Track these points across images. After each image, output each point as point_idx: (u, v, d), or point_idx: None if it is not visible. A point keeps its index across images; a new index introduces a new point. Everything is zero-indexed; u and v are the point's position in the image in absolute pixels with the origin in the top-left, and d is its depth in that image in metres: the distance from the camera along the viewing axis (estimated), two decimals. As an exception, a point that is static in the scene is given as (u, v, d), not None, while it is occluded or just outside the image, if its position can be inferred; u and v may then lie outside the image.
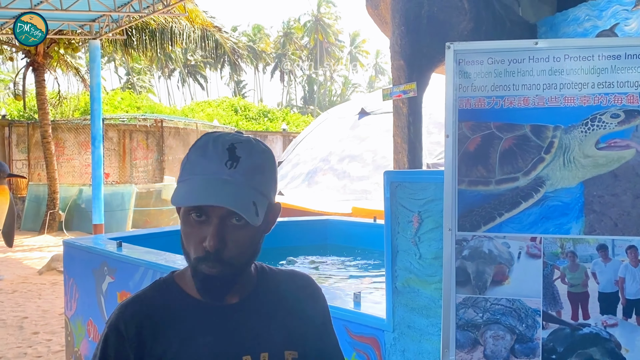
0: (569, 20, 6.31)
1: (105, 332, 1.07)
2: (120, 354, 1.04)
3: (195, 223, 1.03)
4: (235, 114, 26.89)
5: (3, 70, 33.02)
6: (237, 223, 1.03)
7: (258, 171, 1.05)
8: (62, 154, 16.17)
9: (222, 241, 1.02)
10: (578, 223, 1.53)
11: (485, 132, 1.58)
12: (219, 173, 1.02)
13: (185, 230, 1.05)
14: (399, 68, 6.26)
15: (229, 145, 1.04)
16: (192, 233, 1.04)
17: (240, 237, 1.03)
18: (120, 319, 1.06)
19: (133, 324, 1.05)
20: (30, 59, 13.47)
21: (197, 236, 1.03)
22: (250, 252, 1.07)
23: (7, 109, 18.37)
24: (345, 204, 9.34)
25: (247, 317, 1.10)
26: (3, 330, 5.65)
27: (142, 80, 44.13)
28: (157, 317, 1.07)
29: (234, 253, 1.04)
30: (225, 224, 1.02)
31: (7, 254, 9.86)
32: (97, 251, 4.46)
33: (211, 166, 1.03)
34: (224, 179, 1.01)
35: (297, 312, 1.17)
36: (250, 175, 1.04)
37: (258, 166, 1.05)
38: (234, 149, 1.04)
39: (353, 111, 13.04)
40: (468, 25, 5.91)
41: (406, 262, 2.29)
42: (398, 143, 6.28)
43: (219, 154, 1.03)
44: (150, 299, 1.10)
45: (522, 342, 1.57)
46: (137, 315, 1.07)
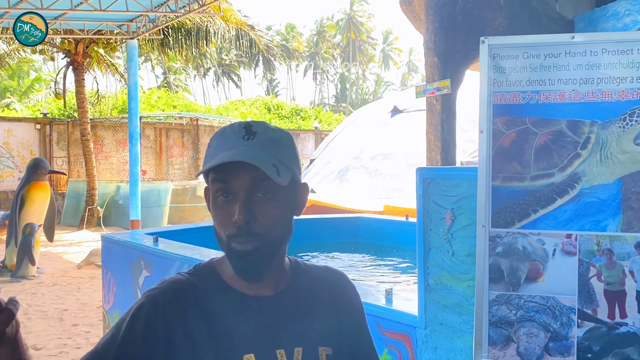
0: (608, 15, 6.15)
1: (141, 300, 1.08)
2: (150, 323, 1.04)
3: (223, 203, 1.05)
4: (268, 113, 27.09)
5: (44, 70, 33.96)
6: (264, 196, 1.04)
7: (275, 143, 1.07)
8: (101, 151, 16.55)
9: (251, 213, 1.03)
10: (615, 220, 1.51)
11: (520, 127, 1.57)
12: (237, 146, 1.05)
13: (215, 214, 1.07)
14: (432, 65, 6.21)
15: (245, 124, 1.08)
16: (221, 214, 1.06)
17: (268, 211, 1.05)
18: (161, 293, 1.07)
19: (172, 299, 1.06)
20: (70, 58, 13.83)
21: (227, 215, 1.05)
22: (280, 227, 1.08)
23: (48, 108, 18.92)
24: (377, 202, 9.31)
25: (281, 310, 1.11)
26: (44, 321, 5.83)
27: (178, 80, 44.79)
28: (195, 299, 1.08)
29: (265, 226, 1.04)
30: (252, 198, 1.04)
31: (48, 249, 10.15)
32: (134, 246, 4.56)
33: (230, 142, 1.06)
34: (242, 148, 1.04)
35: (332, 308, 1.17)
36: (269, 146, 1.06)
37: (275, 139, 1.08)
38: (250, 126, 1.08)
39: (385, 109, 12.98)
40: (503, 21, 5.82)
41: (439, 259, 2.28)
42: (431, 141, 6.23)
43: (236, 132, 1.07)
44: (191, 281, 1.11)
45: (556, 340, 1.55)
46: (178, 294, 1.08)
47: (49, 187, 8.56)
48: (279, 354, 1.07)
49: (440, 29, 6.03)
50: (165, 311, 1.05)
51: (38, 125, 16.09)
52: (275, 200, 1.05)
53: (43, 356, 4.78)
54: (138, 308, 1.07)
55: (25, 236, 7.81)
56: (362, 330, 1.23)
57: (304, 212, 1.20)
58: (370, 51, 56.56)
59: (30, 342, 5.13)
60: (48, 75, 31.39)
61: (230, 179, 1.03)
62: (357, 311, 1.22)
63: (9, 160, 15.50)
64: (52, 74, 27.85)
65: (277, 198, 1.06)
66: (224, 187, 1.05)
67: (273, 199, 1.05)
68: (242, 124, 1.09)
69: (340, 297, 1.20)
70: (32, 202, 8.12)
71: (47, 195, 8.31)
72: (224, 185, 1.05)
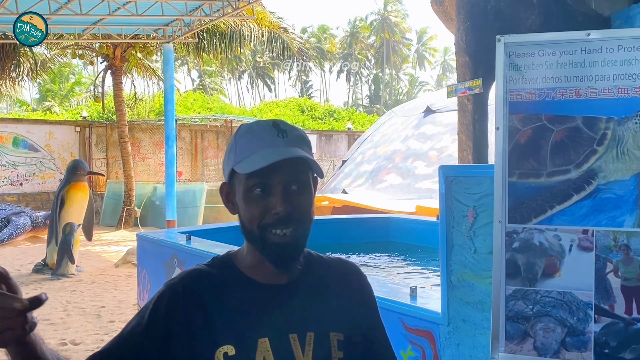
0: (645, 11, 6.01)
1: (162, 289, 1.14)
2: (171, 311, 1.11)
3: (259, 198, 1.11)
4: (302, 114, 27.23)
5: (84, 74, 34.87)
6: (297, 189, 1.12)
7: (303, 140, 1.15)
8: (138, 153, 16.93)
9: (290, 204, 1.10)
10: (632, 216, 1.51)
11: (536, 124, 1.58)
12: (275, 143, 1.11)
13: (249, 208, 1.13)
14: (464, 64, 6.17)
15: (272, 123, 1.15)
16: (257, 207, 1.12)
17: (301, 203, 1.12)
18: (181, 282, 1.15)
19: (192, 288, 1.13)
20: (109, 62, 14.20)
21: (264, 207, 1.11)
22: (310, 216, 1.15)
23: (87, 111, 19.44)
24: (410, 202, 9.28)
25: (295, 297, 1.16)
26: (82, 318, 6.02)
27: (213, 83, 45.42)
28: (214, 288, 1.14)
29: (300, 216, 1.12)
30: (288, 190, 1.11)
31: (87, 248, 10.45)
32: (167, 244, 4.69)
33: (266, 140, 1.12)
34: (282, 147, 1.11)
35: (343, 296, 1.22)
36: (301, 143, 1.14)
37: (303, 137, 1.16)
38: (278, 125, 1.14)
39: (418, 109, 12.92)
40: (537, 19, 5.75)
41: (461, 256, 2.30)
42: (463, 141, 6.20)
43: (268, 130, 1.13)
44: (209, 271, 1.17)
45: (573, 335, 1.56)
46: (196, 282, 1.15)
47: (88, 187, 8.83)
48: (292, 338, 1.13)
49: (471, 28, 6.00)
50: (185, 298, 1.12)
51: (78, 128, 16.56)
52: (305, 193, 1.14)
53: (81, 351, 4.94)
54: (159, 296, 1.14)
55: (65, 235, 8.07)
56: (374, 319, 1.27)
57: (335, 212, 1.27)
58: (405, 52, 56.24)
59: (69, 337, 5.32)
60: (87, 79, 32.25)
61: (271, 173, 1.10)
62: (368, 300, 1.27)
63: (50, 162, 16.00)
64: (91, 77, 28.60)
65: (306, 190, 1.14)
66: (263, 182, 1.11)
67: (304, 191, 1.13)
68: (270, 122, 1.15)
69: (351, 286, 1.25)
70: (71, 202, 8.39)
71: (86, 196, 8.56)
72: (262, 180, 1.11)
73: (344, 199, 9.89)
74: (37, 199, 15.59)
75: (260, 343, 1.11)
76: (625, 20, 6.29)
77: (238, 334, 1.11)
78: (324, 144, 21.21)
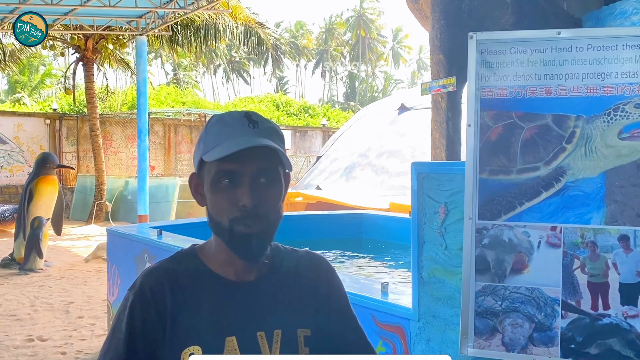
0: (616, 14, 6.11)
1: (130, 299, 1.11)
2: (146, 320, 1.09)
3: (227, 188, 1.09)
4: (277, 110, 27.14)
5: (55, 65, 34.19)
6: (265, 182, 1.10)
7: (274, 133, 1.13)
8: (110, 146, 16.68)
9: (257, 198, 1.08)
10: (599, 213, 1.53)
11: (507, 121, 1.60)
12: (245, 133, 1.09)
13: (216, 199, 1.11)
14: (438, 62, 6.21)
15: (244, 114, 1.13)
16: (224, 198, 1.09)
17: (269, 195, 1.10)
18: (145, 284, 1.11)
19: (157, 289, 1.11)
20: (80, 54, 13.93)
21: (231, 199, 1.09)
22: (278, 211, 1.13)
23: (58, 103, 19.07)
24: (383, 199, 9.32)
25: (262, 295, 1.15)
26: (50, 313, 5.91)
27: (188, 77, 44.97)
28: (178, 285, 1.12)
29: (267, 210, 1.10)
30: (257, 183, 1.09)
31: (56, 242, 10.26)
32: (138, 239, 4.62)
33: (236, 129, 1.10)
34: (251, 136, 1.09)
35: (311, 290, 1.21)
36: (272, 135, 1.12)
37: (275, 130, 1.14)
38: (250, 116, 1.13)
39: (393, 106, 12.99)
40: (510, 19, 5.81)
41: (432, 252, 2.31)
42: (436, 138, 6.23)
43: (239, 120, 1.12)
44: (173, 268, 1.15)
45: (540, 331, 1.58)
46: (160, 281, 1.12)
47: (57, 181, 8.65)
48: (259, 336, 1.11)
49: (445, 27, 6.03)
50: (155, 301, 1.10)
51: (48, 120, 16.24)
52: (274, 186, 1.11)
53: (49, 347, 4.85)
54: (131, 308, 1.11)
55: (33, 230, 7.90)
56: (344, 312, 1.25)
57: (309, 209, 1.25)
58: (380, 49, 56.46)
59: (36, 333, 5.21)
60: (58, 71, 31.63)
61: (239, 164, 1.08)
62: (337, 293, 1.25)
63: (18, 154, 15.66)
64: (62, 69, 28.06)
65: (275, 184, 1.12)
66: (231, 172, 1.08)
67: (272, 184, 1.11)
68: (242, 113, 1.13)
69: (319, 280, 1.23)
70: (40, 196, 8.21)
71: (55, 190, 8.40)
72: (231, 170, 1.08)
73: (318, 195, 9.89)
74: (4, 192, 15.25)
75: (227, 342, 1.09)
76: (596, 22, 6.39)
77: (204, 333, 1.09)
78: (299, 140, 21.19)
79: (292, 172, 1.19)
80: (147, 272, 1.15)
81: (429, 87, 6.28)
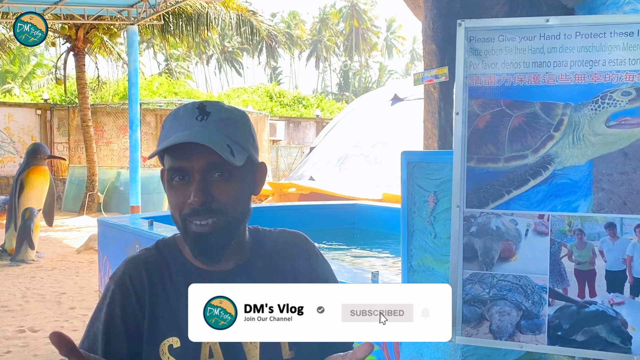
0: (608, 4, 6.11)
1: (111, 288, 1.10)
2: (126, 309, 1.08)
3: (178, 186, 1.05)
4: (270, 100, 27.05)
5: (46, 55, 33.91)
6: (220, 177, 1.04)
7: (230, 123, 1.07)
8: (101, 137, 16.58)
9: (208, 194, 1.03)
10: (586, 201, 1.53)
11: (495, 109, 1.59)
12: (190, 126, 1.04)
13: (170, 195, 1.08)
14: (430, 52, 6.19)
15: (198, 104, 1.08)
16: (176, 195, 1.06)
17: (225, 191, 1.05)
18: (126, 273, 1.10)
19: (138, 278, 1.09)
20: (71, 44, 13.82)
21: (182, 196, 1.05)
22: (238, 207, 1.08)
23: (49, 93, 18.94)
24: (376, 189, 9.34)
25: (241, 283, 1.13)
26: (42, 304, 5.89)
27: (180, 67, 44.70)
28: (158, 277, 1.10)
29: (222, 205, 1.05)
30: (208, 179, 1.04)
31: (48, 233, 10.21)
32: (129, 229, 4.61)
33: (183, 123, 1.05)
34: (195, 129, 1.04)
35: (290, 270, 1.17)
36: (223, 126, 1.05)
37: (229, 119, 1.07)
38: (204, 107, 1.07)
39: (386, 97, 12.98)
40: (502, 8, 5.80)
41: (422, 241, 2.31)
42: (429, 128, 6.23)
43: (190, 112, 1.06)
44: (153, 257, 1.13)
45: (528, 319, 1.59)
46: (140, 270, 1.10)
47: (48, 172, 8.60)
48: None
49: (438, 16, 6.02)
50: (135, 290, 1.09)
51: (39, 111, 16.13)
52: (231, 180, 1.06)
53: (40, 338, 4.84)
54: (111, 297, 1.09)
55: (25, 220, 7.87)
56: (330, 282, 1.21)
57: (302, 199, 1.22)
58: (374, 39, 56.33)
59: (27, 324, 5.20)
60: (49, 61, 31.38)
61: (185, 160, 1.03)
62: (317, 269, 1.21)
63: (9, 145, 15.57)
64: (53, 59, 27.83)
65: (234, 178, 1.06)
66: (179, 168, 1.04)
67: (230, 179, 1.05)
68: (196, 104, 1.08)
69: (298, 256, 1.20)
70: (31, 186, 8.17)
71: (47, 180, 8.35)
72: (179, 167, 1.04)
73: (312, 185, 9.89)
74: (-5, 183, 15.18)
75: None
76: (589, 12, 6.38)
77: (182, 325, 1.07)
78: (292, 130, 21.15)
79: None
80: (127, 261, 1.13)
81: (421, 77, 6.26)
